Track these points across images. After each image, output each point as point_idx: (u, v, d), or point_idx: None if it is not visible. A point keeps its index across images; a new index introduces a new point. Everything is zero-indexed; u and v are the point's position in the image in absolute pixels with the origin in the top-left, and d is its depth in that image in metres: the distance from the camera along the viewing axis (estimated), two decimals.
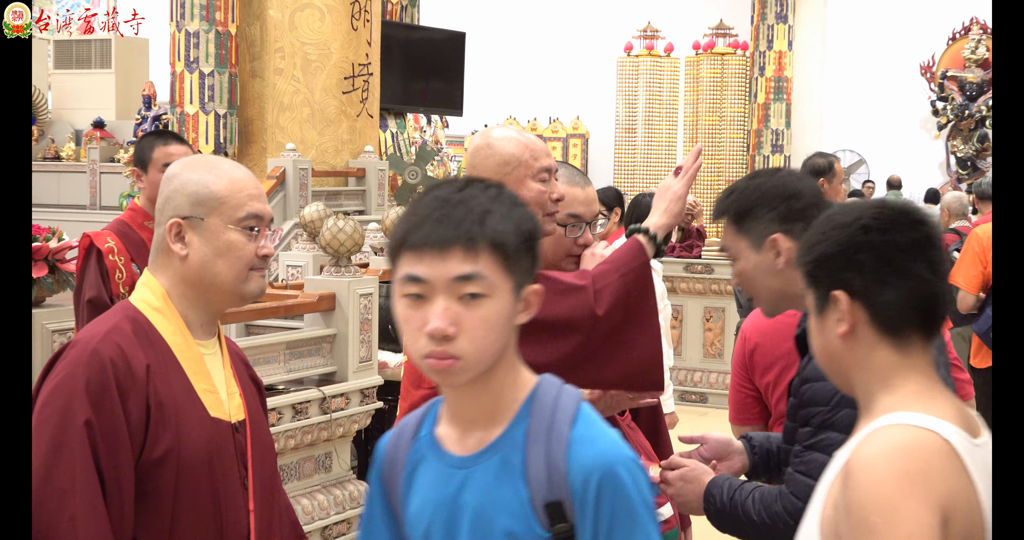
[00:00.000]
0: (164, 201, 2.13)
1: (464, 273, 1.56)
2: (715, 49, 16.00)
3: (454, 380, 1.61)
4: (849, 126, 16.42)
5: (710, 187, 16.12)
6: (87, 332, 2.07)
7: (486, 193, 1.61)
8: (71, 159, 13.48)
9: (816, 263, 1.76)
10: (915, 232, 1.73)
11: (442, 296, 1.56)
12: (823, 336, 1.78)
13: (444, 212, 1.57)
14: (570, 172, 2.86)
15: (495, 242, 1.56)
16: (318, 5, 9.83)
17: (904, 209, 1.78)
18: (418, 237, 1.57)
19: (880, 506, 1.60)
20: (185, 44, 9.80)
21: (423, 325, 1.57)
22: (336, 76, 9.97)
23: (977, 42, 15.18)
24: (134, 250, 3.77)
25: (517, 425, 1.65)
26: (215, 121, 9.79)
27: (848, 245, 1.72)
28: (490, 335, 1.59)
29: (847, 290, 1.72)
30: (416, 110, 12.44)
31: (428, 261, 1.56)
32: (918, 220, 1.75)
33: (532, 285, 1.64)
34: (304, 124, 9.93)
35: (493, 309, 1.58)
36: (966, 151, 15.29)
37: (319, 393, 5.34)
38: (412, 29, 12.24)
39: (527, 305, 1.64)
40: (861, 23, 16.41)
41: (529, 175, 2.53)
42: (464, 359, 1.58)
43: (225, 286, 2.12)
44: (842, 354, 1.76)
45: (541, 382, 1.69)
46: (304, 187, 9.36)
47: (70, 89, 14.37)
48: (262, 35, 9.88)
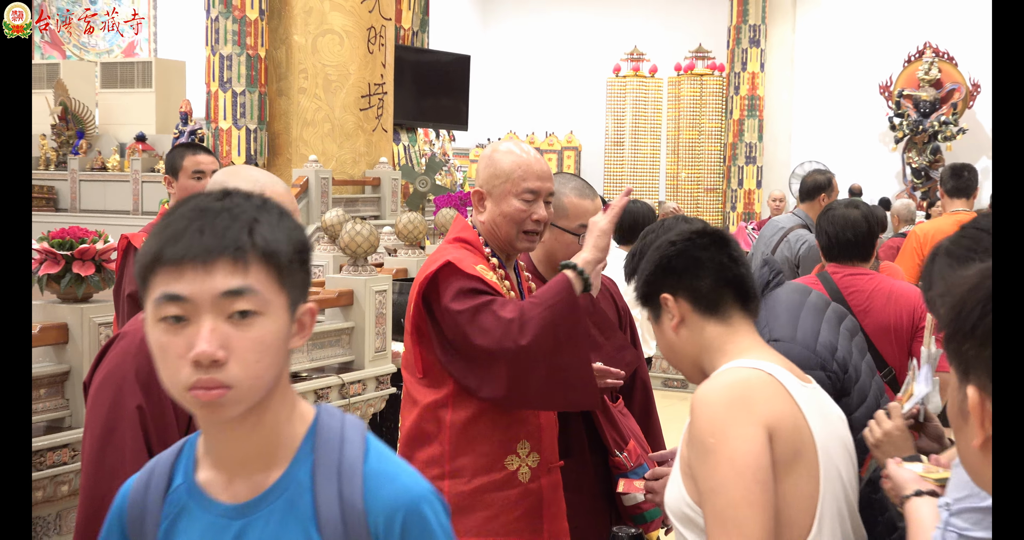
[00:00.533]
0: None
1: (233, 288, 1.23)
2: (695, 71, 16.00)
3: (224, 414, 1.26)
4: (815, 139, 16.42)
5: (691, 195, 16.12)
6: (134, 323, 2.06)
7: (250, 201, 1.30)
8: (116, 169, 13.48)
9: (645, 285, 1.95)
10: (711, 237, 1.94)
11: (208, 316, 1.22)
12: (664, 337, 1.96)
13: (205, 222, 1.25)
14: (581, 186, 2.83)
15: (266, 252, 1.25)
16: (338, 31, 9.83)
17: (697, 225, 2.03)
18: (176, 250, 1.23)
19: (714, 428, 1.73)
20: (219, 66, 9.81)
21: (186, 351, 1.22)
22: (354, 95, 9.98)
23: (930, 64, 15.16)
24: None
25: (300, 464, 1.32)
26: (246, 135, 9.80)
27: (662, 258, 1.92)
28: (264, 359, 1.26)
29: (670, 292, 1.91)
30: (426, 125, 12.44)
31: (190, 276, 1.22)
32: (710, 230, 1.97)
33: (306, 304, 1.33)
34: (325, 138, 9.94)
35: (267, 329, 1.26)
36: (920, 162, 15.28)
37: (339, 380, 5.36)
38: (422, 52, 12.24)
39: (301, 327, 1.32)
40: (826, 47, 16.41)
41: (513, 192, 2.47)
42: (236, 388, 1.24)
43: None
44: (681, 344, 1.93)
45: (320, 413, 1.37)
46: (325, 194, 9.37)
47: (115, 106, 14.38)
48: (288, 58, 9.88)
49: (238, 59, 9.71)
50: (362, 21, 9.94)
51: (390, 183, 10.15)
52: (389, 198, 10.15)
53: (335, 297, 5.49)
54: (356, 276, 5.64)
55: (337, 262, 7.08)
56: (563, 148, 17.24)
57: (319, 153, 9.74)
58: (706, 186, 16.07)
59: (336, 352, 5.51)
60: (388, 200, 10.15)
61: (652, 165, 16.35)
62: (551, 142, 17.29)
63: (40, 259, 4.05)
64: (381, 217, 9.89)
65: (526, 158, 2.50)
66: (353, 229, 5.73)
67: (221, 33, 9.72)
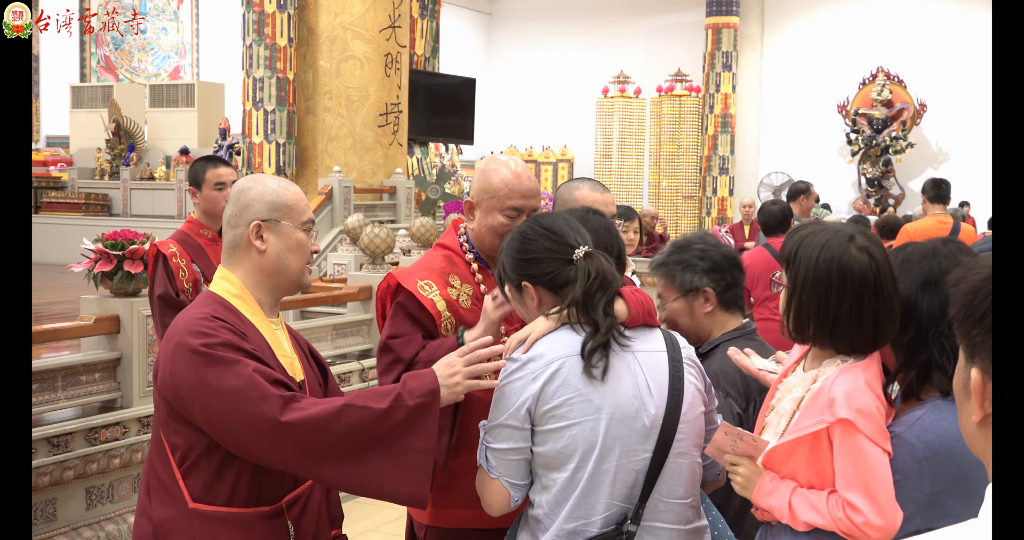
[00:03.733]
0: (242, 209, 2.04)
1: None
2: (674, 92, 15.98)
3: None
4: (781, 153, 16.41)
5: (671, 202, 16.09)
6: (187, 313, 2.02)
7: None
8: (162, 179, 13.48)
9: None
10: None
11: None
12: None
13: None
14: (592, 183, 2.78)
15: None
16: (359, 57, 9.82)
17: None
18: None
19: None
20: (253, 88, 9.80)
21: None
22: (373, 113, 9.96)
23: (883, 86, 15.14)
24: (193, 252, 3.66)
25: None
26: (276, 149, 9.79)
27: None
28: None
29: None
30: (436, 140, 12.43)
31: None
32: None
33: None
34: (347, 151, 9.93)
35: None
36: (873, 173, 15.26)
37: (359, 365, 5.35)
38: (433, 76, 12.22)
39: None
40: (790, 71, 16.40)
41: (497, 208, 2.33)
42: None
43: (292, 276, 2.05)
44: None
45: None
46: (347, 201, 9.36)
47: (162, 123, 14.37)
48: (314, 81, 9.87)
49: (269, 81, 9.70)
50: (380, 48, 9.93)
51: (405, 191, 10.14)
52: (404, 204, 10.15)
53: (355, 292, 5.48)
54: (374, 273, 5.63)
55: (358, 261, 7.07)
56: (557, 160, 17.24)
57: (342, 165, 9.73)
58: (684, 194, 16.05)
59: (356, 341, 5.50)
60: (403, 206, 10.14)
61: (636, 175, 16.34)
62: (547, 155, 17.29)
63: (95, 258, 4.04)
64: (397, 221, 9.88)
65: (514, 177, 2.34)
66: (372, 232, 5.73)
67: (255, 59, 9.72)
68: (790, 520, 1.70)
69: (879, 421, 1.65)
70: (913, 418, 1.68)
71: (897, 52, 15.39)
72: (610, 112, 16.26)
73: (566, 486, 1.83)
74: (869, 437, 1.63)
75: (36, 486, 3.68)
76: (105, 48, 17.67)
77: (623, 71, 16.46)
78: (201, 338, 1.89)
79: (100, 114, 14.18)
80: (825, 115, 15.87)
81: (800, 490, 1.70)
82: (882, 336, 1.72)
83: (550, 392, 1.83)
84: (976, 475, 1.61)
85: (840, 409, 1.64)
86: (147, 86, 15.02)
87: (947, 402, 1.67)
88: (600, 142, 16.40)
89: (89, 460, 3.88)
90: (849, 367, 1.71)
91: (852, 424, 1.63)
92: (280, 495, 1.97)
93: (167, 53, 17.43)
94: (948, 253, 1.74)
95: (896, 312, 1.71)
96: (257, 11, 9.68)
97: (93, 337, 4.13)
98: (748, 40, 16.21)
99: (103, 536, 3.90)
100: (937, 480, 1.62)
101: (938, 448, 1.62)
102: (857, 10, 15.91)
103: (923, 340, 1.69)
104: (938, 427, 1.64)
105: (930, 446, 1.63)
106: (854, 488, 1.62)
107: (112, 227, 4.68)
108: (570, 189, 2.75)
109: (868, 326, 1.70)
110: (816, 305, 1.72)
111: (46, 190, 13.98)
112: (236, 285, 2.05)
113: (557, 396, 1.83)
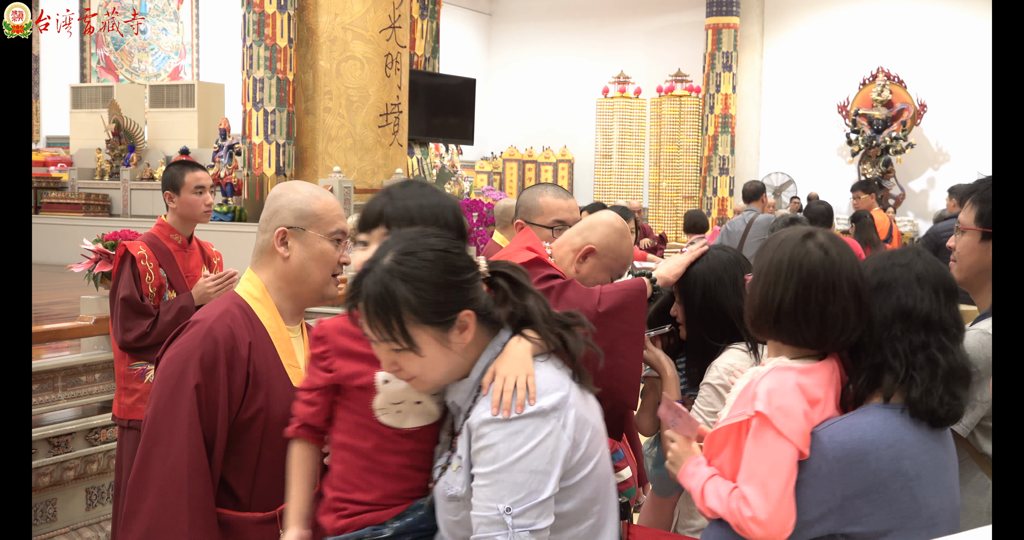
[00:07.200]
0: (271, 214, 2.06)
1: None
2: (674, 92, 15.99)
3: None
4: (781, 153, 16.40)
5: (671, 202, 16.10)
6: (205, 312, 2.03)
7: None
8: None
9: None
10: None
11: None
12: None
13: None
14: (556, 189, 2.82)
15: None
16: (359, 57, 9.82)
17: None
18: None
19: None
20: (253, 88, 9.80)
21: None
22: (373, 113, 9.97)
23: (883, 87, 15.14)
24: (161, 257, 3.60)
25: None
26: (276, 149, 9.79)
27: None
28: None
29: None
30: (436, 140, 12.43)
31: None
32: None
33: None
34: (347, 152, 9.93)
35: None
36: (873, 173, 15.25)
37: None
38: (433, 76, 12.22)
39: None
40: (790, 72, 16.40)
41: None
42: None
43: (314, 285, 2.06)
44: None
45: None
46: (347, 202, 9.36)
47: (162, 124, 14.37)
48: (314, 81, 9.88)
49: (269, 82, 9.71)
50: (380, 49, 9.93)
51: None
52: None
53: None
54: None
55: None
56: (558, 161, 17.22)
57: (342, 165, 9.73)
58: (684, 194, 16.05)
59: None
60: None
61: (636, 176, 16.34)
62: (547, 155, 17.28)
63: (95, 258, 4.04)
64: None
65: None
66: None
67: (255, 59, 9.72)
68: (700, 505, 1.72)
69: (801, 422, 1.64)
70: (835, 420, 1.68)
71: (897, 52, 15.38)
72: (610, 112, 16.26)
73: (587, 535, 1.66)
74: (782, 433, 1.62)
75: (36, 486, 3.68)
76: (105, 48, 17.68)
77: (623, 71, 16.46)
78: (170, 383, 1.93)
79: (100, 114, 14.19)
80: (825, 115, 15.87)
81: (716, 478, 1.72)
82: (829, 334, 1.71)
83: (579, 438, 1.59)
84: (895, 484, 1.60)
85: (759, 403, 1.66)
86: (147, 86, 15.02)
87: (880, 408, 1.67)
88: (600, 142, 16.40)
89: (89, 460, 3.88)
90: (784, 367, 1.71)
91: (767, 419, 1.64)
92: (274, 503, 1.99)
93: (167, 53, 17.44)
94: (905, 262, 1.75)
95: (851, 314, 1.70)
96: (257, 11, 9.68)
97: (93, 337, 4.13)
98: (748, 40, 16.21)
99: (103, 536, 3.91)
100: (849, 484, 1.61)
101: (851, 451, 1.62)
102: (857, 11, 15.92)
103: (876, 343, 1.70)
104: (855, 430, 1.64)
105: (842, 447, 1.62)
106: (752, 482, 1.63)
107: (112, 227, 4.67)
108: (533, 195, 2.78)
109: (813, 320, 1.70)
110: (764, 294, 1.74)
111: (46, 190, 13.99)
112: (258, 288, 2.06)
113: (581, 437, 1.59)
